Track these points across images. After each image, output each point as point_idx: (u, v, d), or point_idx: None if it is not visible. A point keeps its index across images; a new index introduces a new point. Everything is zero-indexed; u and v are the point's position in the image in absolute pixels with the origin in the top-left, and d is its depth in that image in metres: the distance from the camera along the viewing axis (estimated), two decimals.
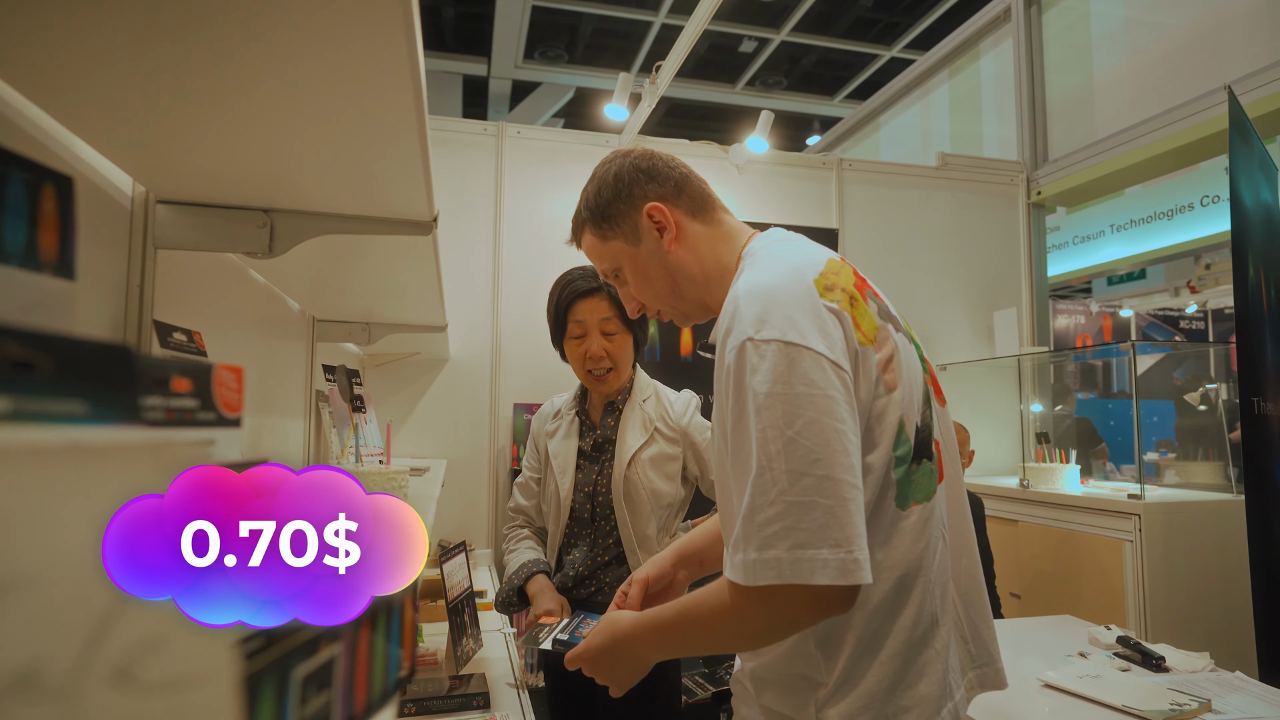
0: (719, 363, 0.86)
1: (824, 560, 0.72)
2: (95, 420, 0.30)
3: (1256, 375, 2.17)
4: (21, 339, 0.27)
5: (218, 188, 0.85)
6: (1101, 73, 3.56)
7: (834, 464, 0.75)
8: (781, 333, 0.78)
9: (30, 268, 0.42)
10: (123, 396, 0.32)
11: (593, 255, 1.07)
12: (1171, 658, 1.84)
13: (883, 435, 0.83)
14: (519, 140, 3.05)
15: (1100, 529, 2.60)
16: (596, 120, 6.95)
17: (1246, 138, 2.35)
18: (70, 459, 0.26)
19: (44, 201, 0.46)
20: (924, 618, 0.85)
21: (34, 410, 0.27)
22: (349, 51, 0.57)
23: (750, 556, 0.74)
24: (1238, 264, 2.19)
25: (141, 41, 0.54)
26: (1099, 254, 5.44)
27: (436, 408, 2.85)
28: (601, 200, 1.02)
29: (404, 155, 0.76)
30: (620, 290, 1.08)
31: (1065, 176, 3.52)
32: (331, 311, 1.84)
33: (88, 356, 0.30)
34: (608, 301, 1.59)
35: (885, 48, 6.89)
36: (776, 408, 0.75)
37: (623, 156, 1.03)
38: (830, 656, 0.84)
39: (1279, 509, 2.16)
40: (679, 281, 1.01)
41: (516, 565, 1.62)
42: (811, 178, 3.40)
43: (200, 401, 0.44)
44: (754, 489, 0.75)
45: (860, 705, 0.82)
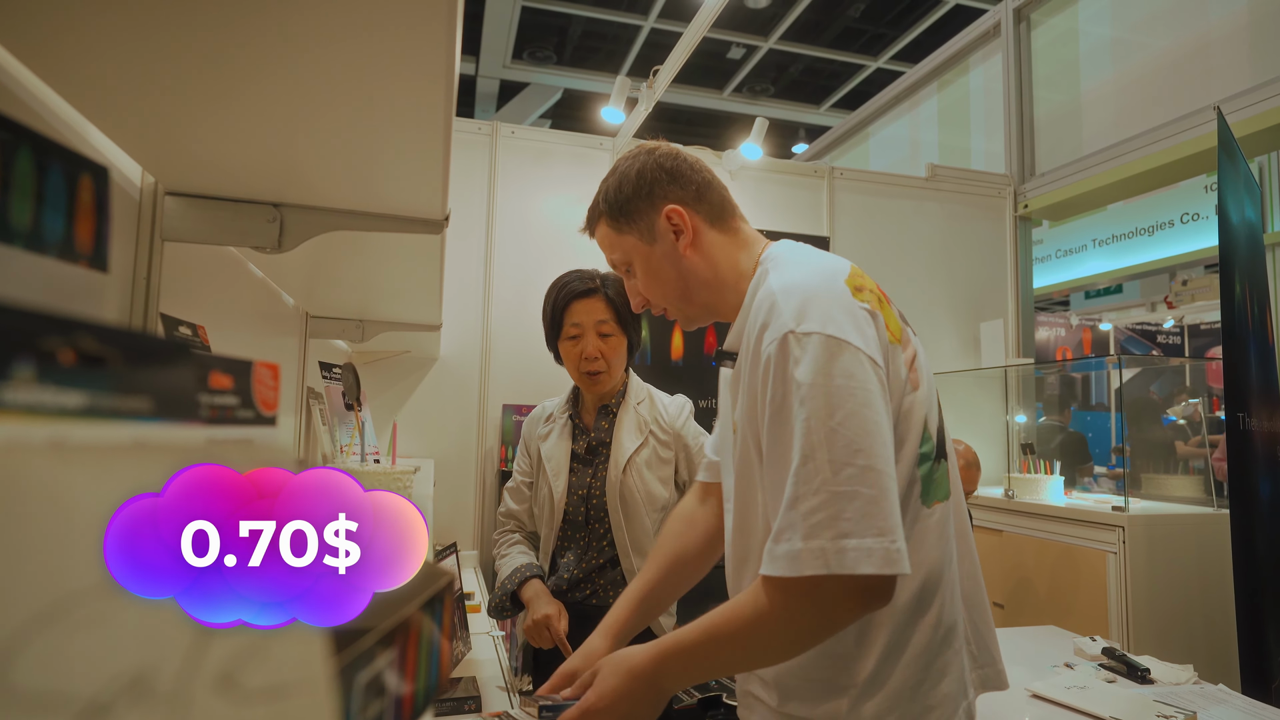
0: (752, 358, 0.85)
1: (869, 549, 0.73)
2: (157, 418, 0.29)
3: (1241, 391, 2.21)
4: (95, 333, 0.26)
5: (228, 180, 0.83)
6: (1089, 89, 3.61)
7: (875, 454, 0.76)
8: (822, 326, 0.79)
9: (64, 258, 0.41)
10: (183, 394, 0.31)
11: (605, 246, 1.06)
12: (1156, 669, 1.86)
13: (909, 432, 0.85)
14: (513, 140, 3.03)
15: (1084, 540, 2.63)
16: (584, 122, 6.94)
17: (1233, 157, 2.39)
18: (132, 455, 0.25)
19: (81, 191, 0.44)
20: (945, 618, 0.87)
21: (101, 406, 0.26)
22: (380, 43, 0.56)
23: (796, 546, 0.74)
24: (1225, 281, 2.23)
25: (158, 23, 0.52)
26: (1080, 268, 5.53)
27: (425, 407, 2.82)
28: (622, 195, 1.00)
29: (425, 152, 0.75)
30: (627, 283, 1.07)
31: (1052, 191, 3.57)
32: (326, 308, 1.81)
33: (152, 352, 0.29)
34: (604, 303, 1.59)
35: (872, 58, 6.95)
36: (819, 398, 0.76)
37: (648, 153, 1.02)
38: (862, 656, 0.84)
39: (1262, 523, 2.20)
40: (690, 285, 1.00)
41: (509, 570, 1.60)
42: (803, 185, 3.41)
43: (240, 399, 0.42)
44: (797, 478, 0.76)
45: (888, 705, 0.83)
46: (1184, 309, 5.87)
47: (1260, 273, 2.44)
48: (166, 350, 0.30)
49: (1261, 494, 2.22)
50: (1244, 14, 2.93)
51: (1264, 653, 2.14)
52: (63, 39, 0.55)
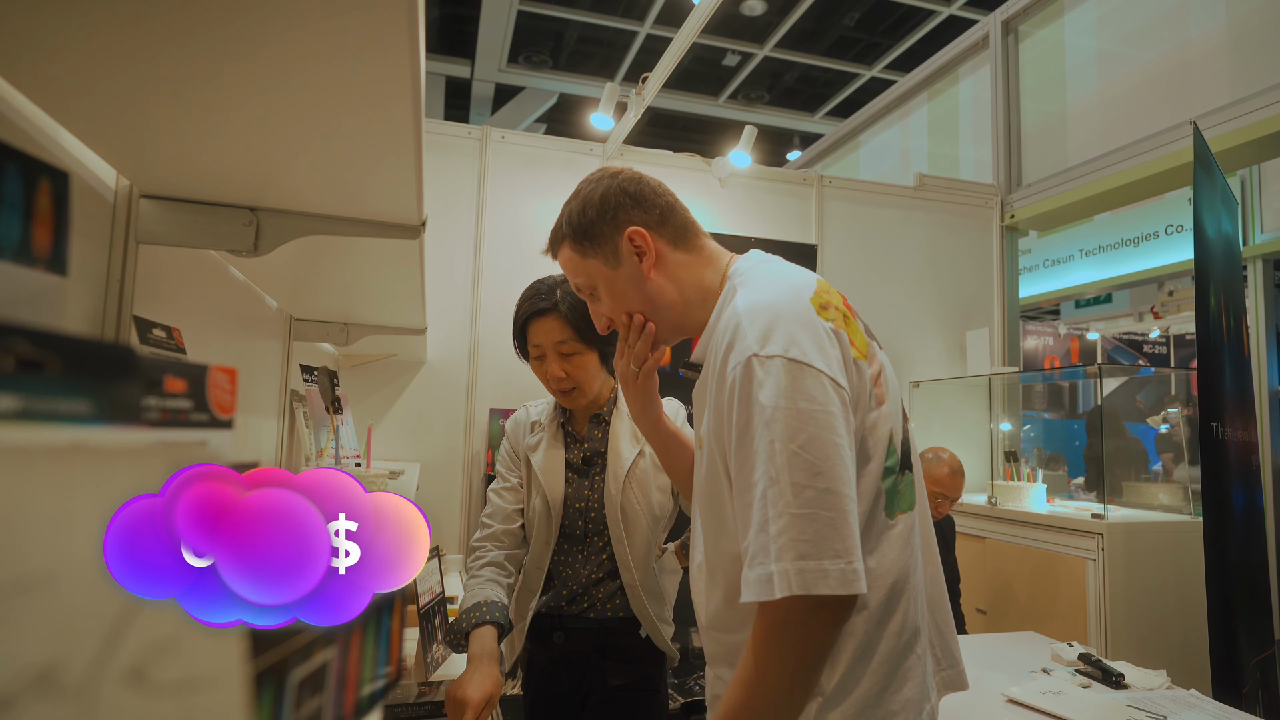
0: (718, 380, 0.87)
1: (825, 571, 0.75)
2: (97, 420, 0.30)
3: (1215, 401, 2.24)
4: (30, 338, 0.27)
5: (204, 183, 0.84)
6: (1074, 101, 3.65)
7: (834, 477, 0.78)
8: (785, 349, 0.81)
9: (19, 262, 0.42)
10: (125, 397, 0.32)
11: (568, 269, 1.05)
12: (1130, 675, 1.88)
13: (876, 447, 0.87)
14: (503, 145, 3.05)
15: (1065, 547, 2.65)
16: (579, 127, 6.96)
17: (1210, 171, 2.43)
18: (69, 458, 0.26)
19: (39, 196, 0.45)
20: (909, 625, 0.89)
21: (39, 409, 0.27)
22: (349, 57, 0.57)
23: (768, 569, 0.77)
24: (1200, 293, 2.26)
25: (127, 27, 0.53)
26: (1068, 277, 5.57)
27: (412, 411, 2.83)
28: (585, 219, 1.01)
29: (397, 160, 0.76)
30: (591, 306, 1.06)
31: (1038, 201, 3.60)
32: (310, 311, 1.82)
33: (92, 356, 0.30)
34: (560, 322, 1.47)
35: (866, 67, 7.00)
36: (781, 422, 0.78)
37: (610, 177, 1.02)
38: (832, 664, 0.85)
39: (1234, 531, 2.23)
40: (656, 306, 1.01)
41: (470, 603, 1.46)
42: (792, 193, 3.44)
43: (194, 403, 0.43)
44: (763, 502, 0.78)
45: (854, 711, 0.85)
46: (1170, 319, 5.93)
47: (1236, 285, 2.47)
48: (108, 354, 0.31)
49: (1235, 503, 2.24)
50: (1223, 30, 2.97)
51: (1235, 659, 2.16)
52: (28, 41, 0.55)
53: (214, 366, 0.44)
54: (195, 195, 0.87)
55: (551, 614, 1.56)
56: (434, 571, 1.77)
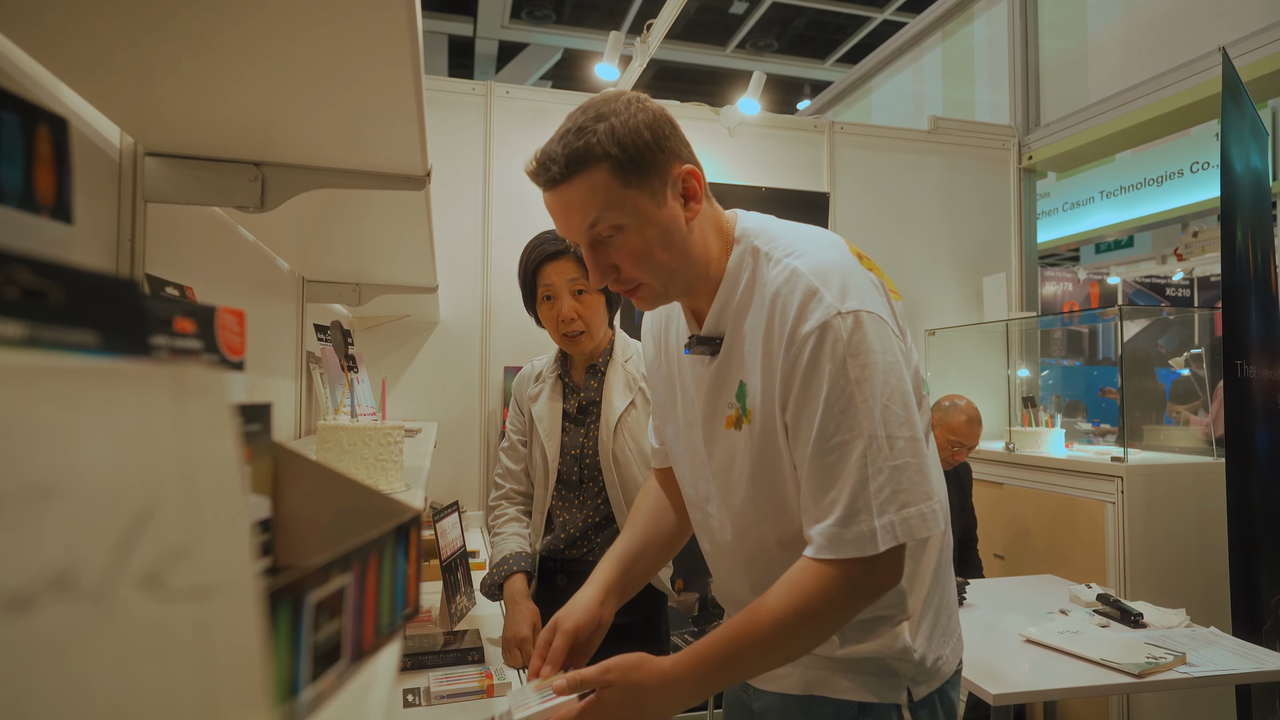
0: (785, 347, 0.83)
1: (922, 514, 0.80)
2: (103, 352, 0.30)
3: (1241, 339, 2.20)
4: (33, 267, 0.27)
5: (208, 140, 0.84)
6: (1095, 35, 3.53)
7: (914, 424, 0.82)
8: (861, 303, 0.82)
9: (23, 208, 0.42)
10: (131, 330, 0.32)
11: (590, 201, 0.83)
12: (1149, 614, 1.89)
13: (916, 383, 0.90)
14: (508, 100, 3.00)
15: (1084, 491, 2.65)
16: (585, 83, 6.83)
17: (1239, 101, 2.34)
18: (79, 377, 0.26)
19: (38, 142, 0.45)
20: (945, 538, 0.98)
21: (44, 338, 0.27)
22: (349, 5, 0.56)
23: (871, 526, 0.79)
24: (1226, 229, 2.20)
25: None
26: (1088, 220, 5.46)
27: (427, 371, 2.85)
28: (641, 140, 0.82)
29: (398, 108, 0.75)
30: (593, 252, 0.87)
31: (1057, 141, 3.51)
32: (321, 271, 1.82)
33: (97, 288, 0.30)
34: (575, 263, 1.54)
35: (877, 10, 6.79)
36: (872, 379, 0.80)
37: (644, 102, 0.86)
38: (916, 589, 0.93)
39: (1257, 470, 2.21)
40: (687, 260, 0.88)
41: (500, 557, 1.60)
42: (803, 140, 3.37)
43: (204, 343, 0.44)
44: (861, 461, 0.80)
45: (933, 623, 0.95)
46: (1193, 261, 5.81)
47: (1266, 221, 2.41)
48: (115, 286, 0.31)
49: (1259, 442, 2.22)
50: None
51: (1255, 596, 2.16)
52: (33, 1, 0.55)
53: (222, 308, 0.44)
54: (200, 152, 0.87)
55: (553, 557, 1.64)
56: (455, 526, 1.80)
